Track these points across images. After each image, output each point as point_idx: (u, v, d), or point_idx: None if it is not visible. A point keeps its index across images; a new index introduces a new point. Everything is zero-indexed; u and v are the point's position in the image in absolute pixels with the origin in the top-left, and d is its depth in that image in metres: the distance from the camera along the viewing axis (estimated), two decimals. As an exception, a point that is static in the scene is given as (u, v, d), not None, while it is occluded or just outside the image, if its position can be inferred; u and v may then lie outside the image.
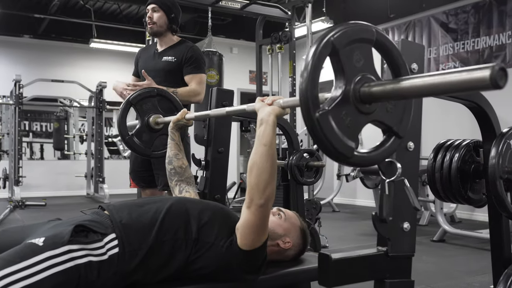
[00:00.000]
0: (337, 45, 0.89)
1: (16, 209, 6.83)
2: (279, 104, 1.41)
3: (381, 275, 1.29)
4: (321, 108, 0.88)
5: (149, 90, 2.37)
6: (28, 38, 9.21)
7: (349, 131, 0.91)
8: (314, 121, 0.87)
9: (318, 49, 0.88)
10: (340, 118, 0.90)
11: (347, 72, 0.91)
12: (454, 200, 1.58)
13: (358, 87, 0.91)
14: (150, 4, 2.94)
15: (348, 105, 0.91)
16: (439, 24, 6.57)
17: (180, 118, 2.07)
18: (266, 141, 1.40)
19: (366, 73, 0.93)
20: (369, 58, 0.94)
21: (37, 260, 1.26)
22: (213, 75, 5.64)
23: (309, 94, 0.87)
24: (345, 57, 0.90)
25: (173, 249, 1.48)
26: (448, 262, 3.83)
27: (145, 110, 2.31)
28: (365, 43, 0.93)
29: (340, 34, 0.89)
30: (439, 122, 6.28)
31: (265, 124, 1.41)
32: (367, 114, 0.94)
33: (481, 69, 0.71)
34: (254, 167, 1.41)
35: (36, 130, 11.42)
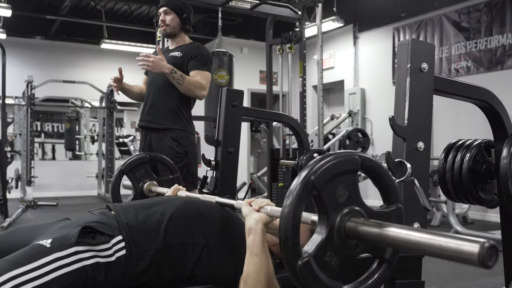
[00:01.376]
0: (317, 185, 0.85)
1: (28, 209, 6.89)
2: (267, 212, 1.37)
3: (391, 275, 1.28)
4: (303, 253, 0.85)
5: (141, 157, 2.30)
6: (39, 39, 9.30)
7: (335, 271, 0.87)
8: (296, 271, 0.84)
9: (298, 193, 0.84)
10: (325, 261, 0.86)
11: (330, 210, 0.87)
12: (465, 200, 1.57)
13: (344, 222, 0.88)
14: (161, 7, 2.96)
15: (333, 245, 0.87)
16: (451, 23, 6.52)
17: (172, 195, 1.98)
18: (257, 251, 1.35)
19: (352, 206, 0.89)
20: (354, 189, 0.90)
21: (45, 262, 1.26)
22: (223, 75, 5.64)
23: (289, 243, 0.84)
24: (327, 196, 0.86)
25: (181, 253, 1.47)
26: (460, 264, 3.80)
27: (138, 177, 2.26)
28: (348, 174, 0.89)
29: (321, 172, 0.85)
30: (451, 122, 6.23)
31: (253, 234, 1.37)
32: (355, 248, 0.90)
33: (471, 242, 0.67)
34: (248, 279, 1.36)
35: (48, 130, 11.55)
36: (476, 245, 0.66)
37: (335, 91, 8.76)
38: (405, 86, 1.32)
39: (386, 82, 7.33)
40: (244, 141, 8.48)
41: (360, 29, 7.96)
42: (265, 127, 5.96)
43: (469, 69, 6.27)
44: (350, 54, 8.14)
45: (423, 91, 1.34)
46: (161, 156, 2.45)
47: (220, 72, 5.64)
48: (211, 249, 1.50)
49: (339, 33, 8.14)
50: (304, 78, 5.45)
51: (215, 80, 5.55)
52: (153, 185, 2.24)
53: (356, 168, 0.89)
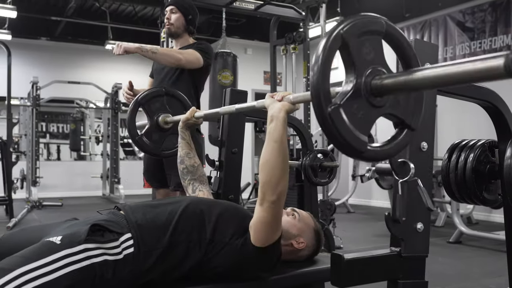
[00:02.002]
0: (346, 38, 0.87)
1: (34, 209, 6.92)
2: (289, 100, 1.41)
3: (394, 275, 1.29)
4: (333, 102, 0.87)
5: (157, 90, 2.36)
6: (45, 40, 9.34)
7: (361, 125, 0.90)
8: (326, 116, 0.86)
9: (328, 43, 0.87)
10: (352, 112, 0.88)
11: (357, 65, 0.89)
12: (469, 201, 1.56)
13: (370, 79, 0.90)
14: (168, 6, 2.98)
15: (360, 99, 0.90)
16: (455, 23, 6.51)
17: (190, 117, 2.06)
18: (277, 137, 1.40)
19: (377, 66, 0.91)
20: (379, 50, 0.93)
21: (55, 258, 1.29)
22: (227, 75, 5.65)
23: (320, 88, 0.86)
24: (355, 50, 0.89)
25: (187, 250, 1.49)
26: (464, 264, 3.79)
27: (153, 110, 2.31)
28: (375, 35, 0.92)
29: (350, 27, 0.88)
30: (455, 123, 6.22)
31: (275, 120, 1.41)
32: (379, 108, 0.92)
33: (495, 57, 0.69)
34: (265, 164, 1.42)
35: (53, 131, 11.58)
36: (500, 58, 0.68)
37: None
38: (408, 86, 1.32)
39: (390, 82, 7.32)
40: (248, 141, 8.48)
41: (364, 30, 7.94)
42: (269, 128, 5.96)
43: (473, 69, 6.25)
44: (354, 54, 8.12)
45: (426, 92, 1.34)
46: (175, 91, 2.47)
47: (224, 73, 5.65)
48: (218, 242, 1.52)
49: (343, 33, 8.12)
50: (308, 79, 5.44)
51: (219, 80, 5.56)
52: (168, 116, 2.29)
53: (381, 30, 0.92)
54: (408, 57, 0.97)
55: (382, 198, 7.36)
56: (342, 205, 7.07)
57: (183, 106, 2.41)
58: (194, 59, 2.83)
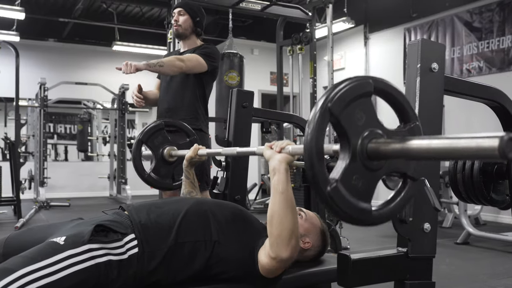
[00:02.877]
0: (335, 112, 0.86)
1: (41, 209, 6.95)
2: (288, 151, 1.41)
3: (401, 276, 1.29)
4: (331, 180, 0.86)
5: (157, 124, 2.33)
6: (52, 42, 9.39)
7: (363, 194, 0.89)
8: (326, 197, 0.85)
9: (318, 120, 0.85)
10: (352, 185, 0.88)
11: (350, 135, 0.88)
12: (476, 201, 1.56)
13: (365, 144, 0.89)
14: (176, 8, 3.01)
15: (357, 168, 0.89)
16: (462, 23, 6.47)
17: (193, 155, 2.05)
18: (283, 189, 1.39)
19: (371, 128, 0.90)
20: (371, 111, 0.91)
21: (58, 259, 1.29)
22: (233, 76, 5.66)
23: (317, 172, 0.85)
24: (345, 121, 0.87)
25: (193, 251, 1.48)
26: (472, 265, 3.77)
27: (156, 144, 2.29)
28: (364, 98, 0.90)
29: (337, 99, 0.86)
30: (462, 122, 6.19)
31: (277, 173, 1.41)
32: (378, 170, 0.91)
33: (490, 138, 0.69)
34: (274, 217, 1.40)
35: (61, 132, 11.64)
36: (495, 139, 0.68)
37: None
38: (415, 86, 1.32)
39: (397, 82, 7.16)
40: (254, 142, 8.48)
41: (371, 30, 7.93)
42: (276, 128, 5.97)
43: (481, 69, 6.22)
44: (361, 55, 8.11)
45: (433, 91, 1.34)
46: (176, 121, 2.47)
47: (231, 73, 5.65)
48: (223, 244, 1.51)
49: (349, 34, 8.12)
50: (315, 79, 5.44)
51: (225, 81, 5.56)
52: (172, 149, 2.28)
53: (370, 90, 0.90)
54: (403, 109, 0.96)
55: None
56: (349, 206, 7.04)
57: (186, 135, 2.40)
58: (196, 64, 2.83)
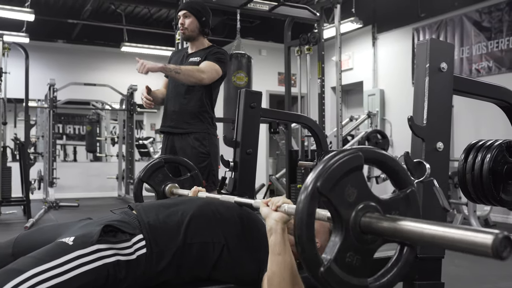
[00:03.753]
0: (324, 192, 0.85)
1: (51, 209, 7.00)
2: (284, 210, 1.38)
3: (410, 276, 1.28)
4: (324, 259, 0.85)
5: (156, 162, 2.31)
6: (61, 43, 9.45)
7: (358, 270, 0.88)
8: (320, 278, 0.84)
9: (307, 202, 0.84)
10: (346, 262, 0.87)
11: (342, 212, 0.87)
12: (486, 201, 1.55)
13: (359, 219, 0.87)
14: (181, 11, 3.00)
15: (352, 244, 0.87)
16: (471, 23, 6.44)
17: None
18: (280, 250, 1.37)
19: (364, 202, 0.89)
20: (362, 185, 0.90)
21: (67, 259, 1.29)
22: (241, 77, 5.66)
23: (308, 254, 0.84)
24: (336, 199, 0.86)
25: (200, 252, 1.49)
26: (481, 266, 3.75)
27: (157, 182, 2.27)
28: (354, 172, 0.88)
29: (326, 178, 0.85)
30: (472, 123, 6.15)
31: (274, 234, 1.38)
32: (373, 243, 0.90)
33: (485, 233, 0.67)
34: (274, 278, 1.38)
35: (70, 132, 11.72)
36: (490, 236, 0.65)
37: (354, 92, 8.72)
38: (423, 86, 1.31)
39: (406, 83, 7.27)
40: (262, 142, 8.48)
41: (379, 30, 7.91)
42: (284, 129, 5.96)
43: (490, 69, 6.18)
44: (369, 55, 8.09)
45: (442, 91, 1.34)
46: (176, 158, 2.48)
47: (239, 74, 5.66)
48: (231, 249, 1.51)
49: (357, 34, 8.10)
50: (323, 80, 5.44)
51: (233, 82, 5.57)
52: (174, 187, 2.25)
53: (360, 164, 0.89)
54: (397, 175, 0.95)
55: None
56: (357, 207, 7.03)
57: (186, 169, 2.39)
58: (215, 74, 2.86)
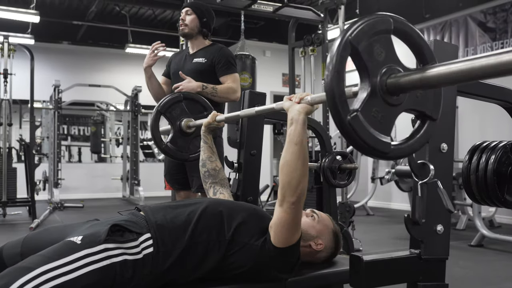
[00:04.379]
0: (355, 44, 0.87)
1: (56, 210, 7.02)
2: (307, 101, 1.41)
3: (414, 278, 1.28)
4: (351, 110, 0.87)
5: (176, 96, 2.39)
6: (66, 44, 9.49)
7: (382, 127, 0.90)
8: (346, 125, 0.86)
9: (339, 52, 0.87)
10: (372, 116, 0.89)
11: (370, 68, 0.90)
12: (490, 203, 1.54)
13: (385, 79, 0.90)
14: (184, 8, 3.03)
15: (377, 101, 0.90)
16: (476, 24, 6.42)
17: (211, 121, 2.08)
18: (297, 140, 1.41)
19: (390, 64, 0.91)
20: (391, 49, 0.93)
21: (75, 258, 1.31)
22: (246, 78, 5.67)
23: (337, 99, 0.86)
24: (366, 54, 0.89)
25: (207, 250, 1.50)
26: (486, 268, 3.74)
27: (175, 116, 2.34)
28: (384, 34, 0.91)
29: (357, 32, 0.88)
30: (477, 124, 6.13)
31: (295, 123, 1.42)
32: (398, 105, 0.92)
33: (508, 52, 0.69)
34: (285, 166, 1.43)
35: (74, 133, 11.76)
36: None
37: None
38: (427, 87, 1.31)
39: (410, 84, 7.25)
40: (267, 144, 8.48)
41: (383, 31, 7.88)
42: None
43: (495, 70, 6.16)
44: (374, 56, 8.07)
45: (446, 92, 1.33)
46: (194, 94, 2.52)
47: (243, 75, 5.66)
48: (237, 243, 1.53)
49: (362, 35, 8.08)
50: (327, 81, 5.43)
51: (238, 83, 5.57)
52: (190, 121, 2.32)
53: (389, 28, 0.92)
54: (421, 50, 0.97)
55: (402, 201, 7.29)
56: (362, 208, 7.02)
57: (203, 108, 2.44)
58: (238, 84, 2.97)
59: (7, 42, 6.16)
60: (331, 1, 5.37)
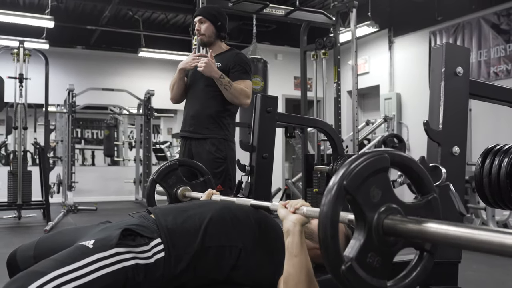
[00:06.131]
0: (350, 189, 0.85)
1: (69, 213, 7.09)
2: (302, 213, 1.39)
3: (425, 281, 1.28)
4: (346, 258, 0.85)
5: (171, 164, 2.32)
6: (80, 49, 9.59)
7: (379, 271, 0.88)
8: (341, 276, 0.84)
9: (333, 199, 0.85)
10: (367, 263, 0.87)
11: (366, 211, 0.87)
12: (503, 206, 1.54)
13: (382, 220, 0.88)
14: (196, 17, 3.03)
15: (373, 245, 0.88)
16: (489, 26, 6.37)
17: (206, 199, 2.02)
18: (296, 252, 1.39)
19: (388, 204, 0.89)
20: (387, 187, 0.90)
21: (88, 262, 1.32)
22: (258, 81, 5.68)
23: (330, 250, 0.85)
24: (361, 198, 0.87)
25: (217, 255, 1.51)
26: (500, 272, 3.70)
27: (170, 184, 2.28)
28: (380, 173, 0.89)
29: (353, 176, 0.85)
30: (491, 127, 6.08)
31: (291, 235, 1.40)
32: (394, 245, 0.90)
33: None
34: (289, 279, 1.40)
35: (88, 137, 11.87)
36: None
37: (370, 96, 8.68)
38: (439, 90, 1.32)
39: (423, 86, 7.21)
40: (278, 147, 8.49)
41: (395, 34, 7.86)
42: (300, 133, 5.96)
43: (509, 72, 6.11)
44: (386, 59, 8.05)
45: (458, 95, 1.34)
46: (190, 161, 2.50)
47: (255, 79, 5.68)
48: (249, 252, 1.53)
49: (374, 38, 8.07)
50: (339, 84, 5.43)
51: (250, 86, 5.59)
52: (186, 190, 2.26)
53: (386, 166, 0.89)
54: (421, 181, 0.96)
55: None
56: (374, 211, 6.97)
57: (200, 173, 2.41)
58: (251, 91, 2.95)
59: (22, 47, 6.24)
60: (343, 4, 5.38)
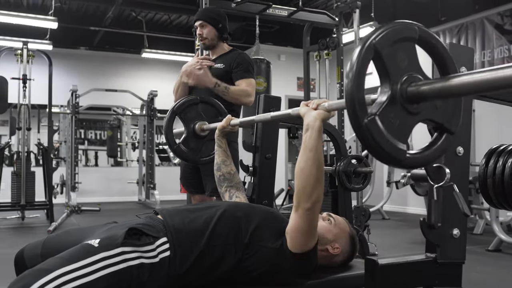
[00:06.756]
0: (379, 48, 0.87)
1: (73, 213, 7.10)
2: (324, 108, 1.41)
3: (429, 282, 1.28)
4: (369, 113, 0.87)
5: (192, 98, 2.40)
6: (84, 50, 9.62)
7: (399, 134, 0.89)
8: (363, 127, 0.86)
9: (361, 53, 0.87)
10: (389, 122, 0.88)
11: (392, 74, 0.89)
12: (507, 207, 1.53)
13: (405, 87, 0.89)
14: (197, 21, 3.03)
15: (396, 107, 0.89)
16: (493, 26, 6.36)
17: (225, 125, 2.07)
18: (312, 147, 1.40)
19: (412, 72, 0.91)
20: (414, 57, 0.92)
21: (93, 260, 1.33)
22: (261, 82, 5.68)
23: (355, 98, 0.86)
24: (388, 59, 0.88)
25: (223, 253, 1.51)
26: (504, 273, 3.69)
27: (189, 118, 2.34)
28: (408, 42, 0.91)
29: (382, 36, 0.87)
30: (495, 128, 6.06)
31: (310, 129, 1.41)
32: (416, 114, 0.91)
33: None
34: (300, 172, 1.43)
35: (91, 138, 11.89)
36: None
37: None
38: (443, 91, 1.31)
39: (426, 87, 7.20)
40: (281, 147, 8.48)
41: (399, 34, 7.84)
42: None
43: (513, 73, 6.09)
44: (389, 59, 8.02)
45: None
46: (210, 98, 2.51)
47: (258, 79, 5.68)
48: (255, 244, 1.54)
49: (377, 38, 8.05)
50: (342, 84, 5.42)
51: (253, 87, 5.59)
52: (204, 124, 2.32)
53: (414, 36, 0.91)
54: (444, 61, 0.96)
55: (418, 205, 7.21)
56: (377, 212, 6.98)
57: (218, 113, 2.45)
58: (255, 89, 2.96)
59: (26, 48, 6.26)
60: (346, 5, 5.37)
